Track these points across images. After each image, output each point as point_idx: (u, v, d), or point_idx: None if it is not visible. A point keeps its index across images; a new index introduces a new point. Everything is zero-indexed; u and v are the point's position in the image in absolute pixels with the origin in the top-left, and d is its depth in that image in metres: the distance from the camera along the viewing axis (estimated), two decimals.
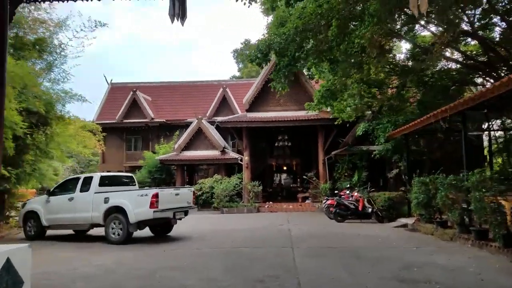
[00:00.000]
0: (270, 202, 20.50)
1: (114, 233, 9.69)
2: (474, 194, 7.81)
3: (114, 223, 9.71)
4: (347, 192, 15.74)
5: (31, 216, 10.78)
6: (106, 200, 9.84)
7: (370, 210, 13.74)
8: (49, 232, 11.03)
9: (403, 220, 12.69)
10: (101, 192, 10.08)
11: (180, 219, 10.43)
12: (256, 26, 58.25)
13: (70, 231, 11.48)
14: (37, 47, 11.61)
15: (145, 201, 9.41)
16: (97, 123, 27.78)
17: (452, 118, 9.79)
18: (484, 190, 7.54)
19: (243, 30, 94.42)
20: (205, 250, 8.42)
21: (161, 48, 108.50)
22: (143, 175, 23.43)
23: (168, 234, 11.14)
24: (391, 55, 15.59)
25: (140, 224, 9.78)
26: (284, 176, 33.56)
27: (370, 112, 16.70)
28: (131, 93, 27.36)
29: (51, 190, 10.88)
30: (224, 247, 8.67)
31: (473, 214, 8.39)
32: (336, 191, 18.27)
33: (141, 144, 28.33)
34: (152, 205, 9.35)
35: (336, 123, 16.55)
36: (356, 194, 14.61)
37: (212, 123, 23.93)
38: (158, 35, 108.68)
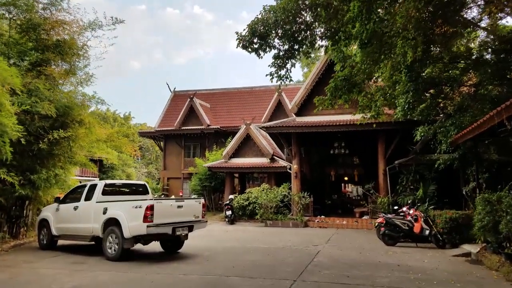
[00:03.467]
0: (322, 216, 18.30)
1: (110, 248, 8.79)
2: None
3: (111, 237, 8.81)
4: (408, 209, 13.04)
5: (44, 224, 10.49)
6: (104, 211, 9.01)
7: (427, 232, 11.01)
8: (66, 242, 10.59)
9: (467, 247, 9.87)
10: (102, 202, 9.29)
11: (184, 236, 9.14)
12: None
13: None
14: (58, 49, 11.43)
15: (139, 213, 8.34)
16: (157, 130, 28.62)
17: None
18: None
19: None
20: (190, 277, 6.99)
21: (241, 57, 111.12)
22: (194, 183, 22.97)
23: (179, 250, 9.93)
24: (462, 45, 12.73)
25: (138, 240, 8.72)
26: (349, 187, 30.75)
27: (442, 115, 13.77)
28: (188, 100, 27.34)
29: (62, 197, 10.45)
30: (216, 274, 7.15)
31: None
32: (396, 207, 15.50)
33: (199, 151, 28.13)
34: (145, 218, 8.23)
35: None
36: (414, 211, 11.91)
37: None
38: (235, 45, 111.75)
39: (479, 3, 10.77)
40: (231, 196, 19.63)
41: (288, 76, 8.17)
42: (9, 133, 8.31)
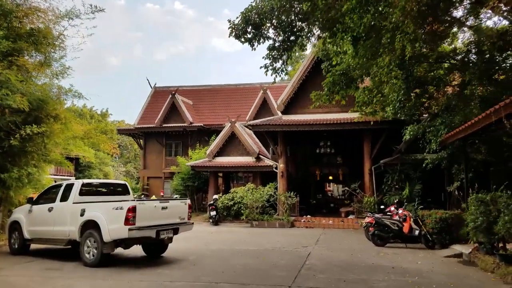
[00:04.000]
0: (308, 216, 18.01)
1: (89, 253, 8.15)
2: None
3: (89, 241, 8.17)
4: (395, 208, 12.86)
5: (15, 227, 9.72)
6: (82, 213, 8.36)
7: (417, 232, 10.83)
8: (40, 246, 9.83)
9: (457, 248, 9.74)
10: (79, 203, 8.62)
11: (168, 239, 8.60)
12: None
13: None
14: (32, 38, 10.63)
15: (120, 215, 7.74)
16: (137, 127, 27.70)
17: None
18: None
19: None
20: (177, 285, 6.49)
21: (223, 55, 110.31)
22: (176, 182, 22.29)
23: (163, 254, 9.37)
24: (448, 44, 12.67)
25: (119, 244, 8.12)
26: (332, 187, 30.63)
27: (427, 115, 13.66)
28: (170, 96, 26.57)
29: (35, 198, 9.70)
30: (205, 281, 6.66)
31: None
32: (383, 206, 15.36)
33: (181, 150, 27.40)
34: (127, 221, 7.65)
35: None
36: (402, 211, 11.73)
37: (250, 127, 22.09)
38: (217, 43, 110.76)
39: (468, 1, 10.66)
40: (215, 196, 19.09)
41: (284, 69, 7.75)
42: None
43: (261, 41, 7.18)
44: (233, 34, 7.13)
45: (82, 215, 8.34)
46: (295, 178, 21.33)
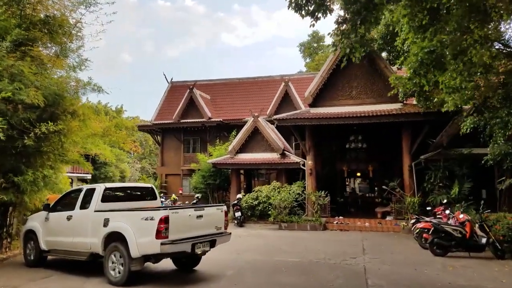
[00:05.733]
0: (340, 217, 16.72)
1: (114, 269, 7.05)
2: None
3: (115, 255, 7.06)
4: (447, 211, 11.51)
5: (31, 236, 8.69)
6: (105, 223, 7.24)
7: (484, 240, 9.46)
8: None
9: None
10: (102, 211, 7.51)
11: (203, 253, 7.44)
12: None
13: None
14: (47, 27, 9.53)
15: (150, 227, 6.59)
16: (154, 123, 26.69)
17: None
18: None
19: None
20: None
21: (234, 51, 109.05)
22: (196, 180, 21.21)
23: (195, 267, 8.24)
24: None
25: (148, 258, 7.01)
26: (358, 183, 29.19)
27: (471, 105, 12.15)
28: (188, 91, 25.43)
29: (52, 204, 8.64)
30: None
31: None
32: (429, 208, 13.99)
33: (199, 146, 26.33)
34: (159, 234, 6.50)
35: (444, 110, 11.20)
36: (461, 215, 10.36)
37: (272, 122, 20.83)
38: (228, 38, 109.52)
39: None
40: (239, 196, 17.93)
41: (366, 44, 6.26)
42: None
43: (327, 13, 5.85)
44: (292, 6, 5.85)
45: (105, 225, 7.23)
46: (321, 175, 20.01)
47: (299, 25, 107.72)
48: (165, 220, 6.56)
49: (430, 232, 9.98)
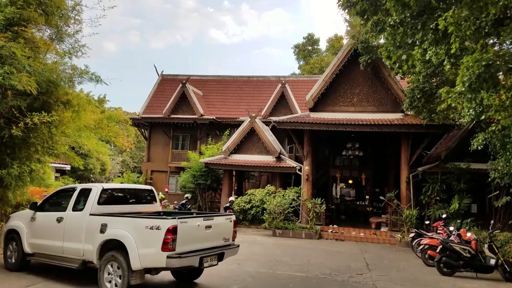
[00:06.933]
0: (335, 226, 16.36)
1: (110, 282, 6.33)
2: None
3: (112, 266, 6.34)
4: (451, 227, 11.24)
5: (13, 237, 7.85)
6: (103, 228, 6.51)
7: (493, 261, 9.18)
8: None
9: None
10: (98, 215, 6.77)
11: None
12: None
13: None
14: (42, 7, 8.68)
15: (156, 237, 5.92)
16: (143, 117, 25.69)
17: None
18: None
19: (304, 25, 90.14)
20: None
21: (221, 47, 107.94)
22: (185, 179, 20.43)
23: (196, 280, 7.60)
24: None
25: (149, 271, 6.34)
26: (346, 190, 28.98)
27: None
28: (180, 85, 24.59)
29: (39, 203, 7.83)
30: None
31: None
32: (427, 222, 13.78)
33: (189, 143, 25.54)
34: (165, 245, 5.83)
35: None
36: (468, 233, 10.09)
37: (267, 123, 20.31)
38: (216, 34, 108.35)
39: None
40: (231, 198, 17.31)
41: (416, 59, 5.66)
42: None
43: (377, 12, 5.31)
44: (341, 3, 5.30)
45: (102, 231, 6.50)
46: (315, 181, 19.62)
47: (288, 27, 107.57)
48: (173, 231, 5.90)
49: (437, 250, 9.63)
